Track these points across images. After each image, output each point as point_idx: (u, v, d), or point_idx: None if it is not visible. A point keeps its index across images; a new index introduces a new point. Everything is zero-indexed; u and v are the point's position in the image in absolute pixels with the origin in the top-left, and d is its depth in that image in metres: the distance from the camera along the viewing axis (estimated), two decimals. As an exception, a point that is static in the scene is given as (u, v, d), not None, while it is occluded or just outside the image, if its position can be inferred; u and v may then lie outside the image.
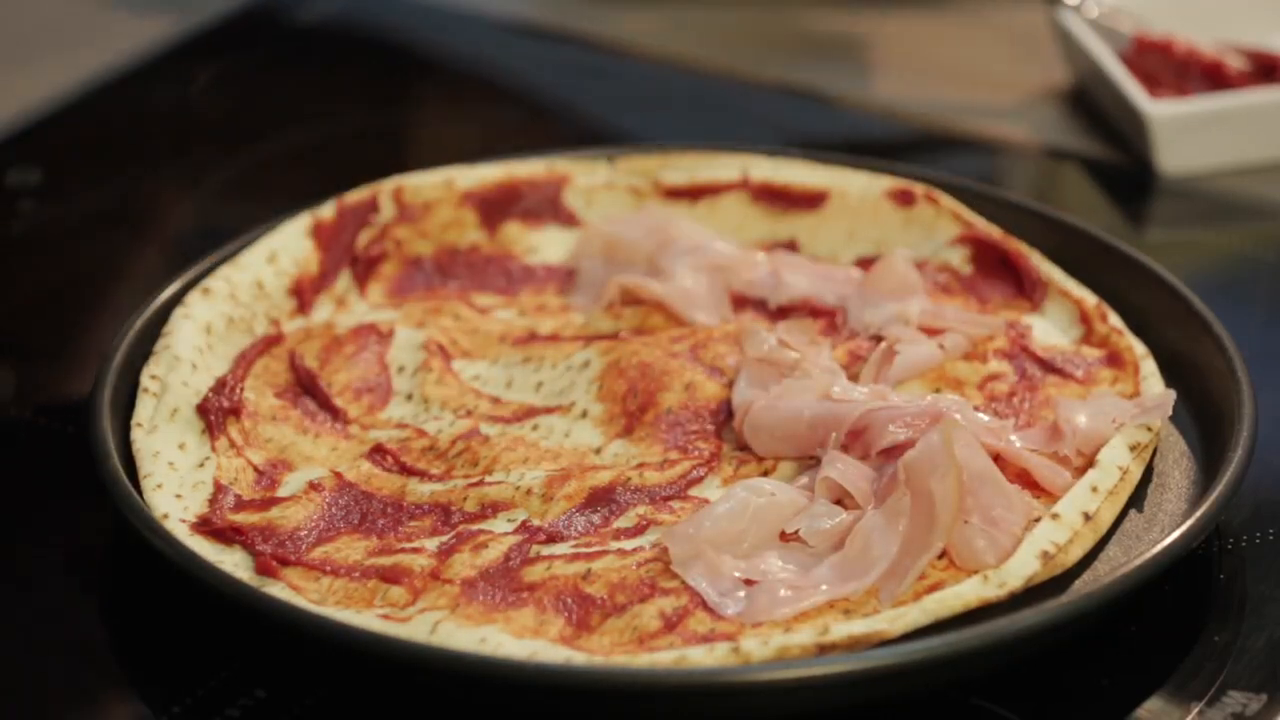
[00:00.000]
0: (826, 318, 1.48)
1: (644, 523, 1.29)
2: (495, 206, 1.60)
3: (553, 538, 1.28)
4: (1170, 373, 1.41)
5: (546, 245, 1.59)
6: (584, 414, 1.40)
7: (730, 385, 1.40)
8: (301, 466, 1.36)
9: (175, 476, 1.31)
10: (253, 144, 1.91)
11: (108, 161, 1.86)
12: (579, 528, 1.29)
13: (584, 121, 1.98)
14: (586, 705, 1.16)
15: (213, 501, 1.30)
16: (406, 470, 1.35)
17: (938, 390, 1.40)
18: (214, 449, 1.35)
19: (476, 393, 1.43)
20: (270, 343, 1.46)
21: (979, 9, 2.15)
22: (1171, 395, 1.35)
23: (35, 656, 1.25)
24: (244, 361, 1.43)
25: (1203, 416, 1.37)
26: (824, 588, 1.22)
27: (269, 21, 2.12)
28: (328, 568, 1.25)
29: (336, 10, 2.15)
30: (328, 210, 1.55)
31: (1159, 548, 1.22)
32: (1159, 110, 1.80)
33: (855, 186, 1.59)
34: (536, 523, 1.29)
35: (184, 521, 1.27)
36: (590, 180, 1.62)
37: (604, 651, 1.19)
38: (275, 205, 1.55)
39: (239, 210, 1.76)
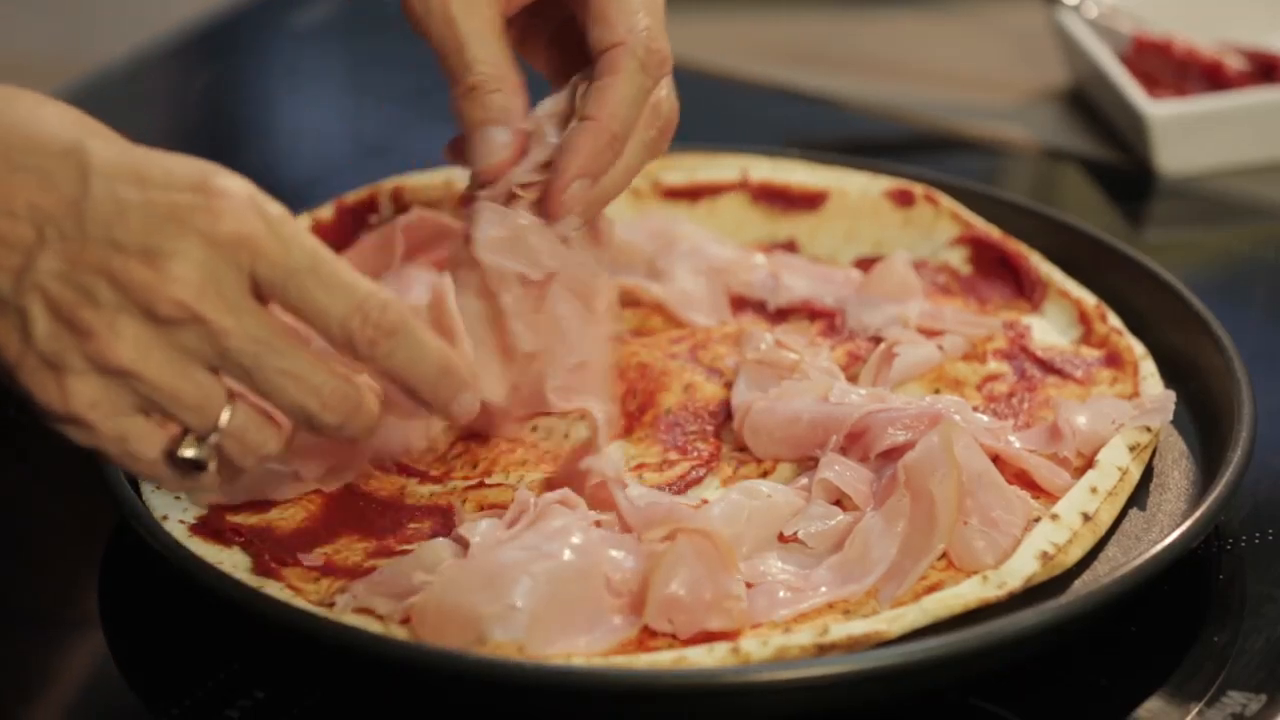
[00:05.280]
0: (825, 319, 1.48)
1: (643, 524, 1.29)
2: (494, 207, 1.59)
3: (552, 539, 1.28)
4: (1169, 373, 1.41)
5: (546, 246, 1.59)
6: (583, 415, 1.39)
7: (729, 386, 1.40)
8: (301, 467, 1.36)
9: (174, 478, 1.30)
10: (251, 144, 1.91)
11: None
12: (578, 529, 1.29)
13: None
14: (586, 706, 1.16)
15: (211, 503, 1.30)
16: (406, 471, 1.35)
17: (937, 391, 1.40)
18: (213, 450, 1.34)
19: (475, 394, 1.43)
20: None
21: (978, 9, 2.15)
22: (1171, 397, 1.35)
23: (33, 657, 1.25)
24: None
25: (1202, 416, 1.37)
26: (823, 589, 1.22)
27: (268, 22, 2.13)
28: (327, 569, 1.25)
29: (336, 12, 2.15)
30: (326, 211, 1.55)
31: (1158, 548, 1.22)
32: (1158, 110, 1.80)
33: (854, 187, 1.59)
34: (535, 524, 1.29)
35: (183, 523, 1.27)
36: (589, 181, 1.62)
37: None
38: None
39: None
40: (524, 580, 1.17)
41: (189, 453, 1.14)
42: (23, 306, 1.10)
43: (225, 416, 1.13)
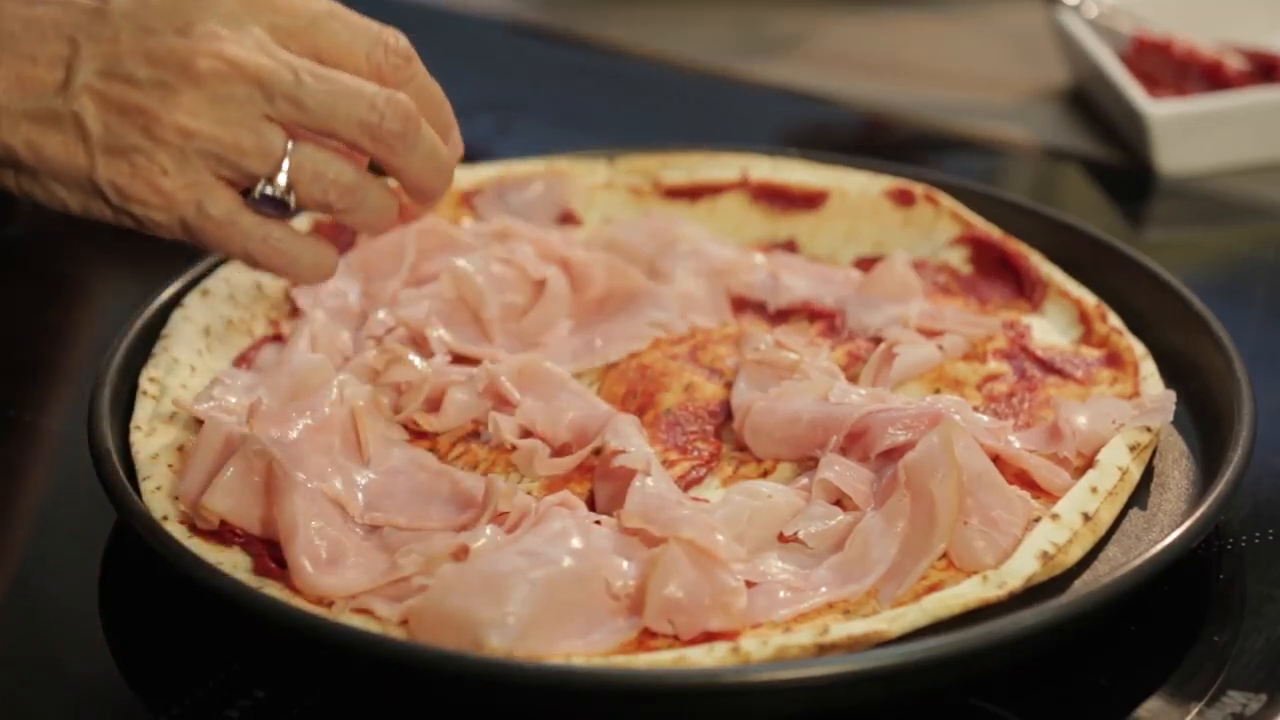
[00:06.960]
0: (825, 320, 1.48)
1: (644, 523, 1.29)
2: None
3: (552, 539, 1.28)
4: (1170, 373, 1.41)
5: (546, 246, 1.59)
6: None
7: (729, 386, 1.40)
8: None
9: (173, 479, 1.30)
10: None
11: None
12: (578, 529, 1.29)
13: (584, 122, 1.98)
14: (586, 706, 1.16)
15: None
16: (406, 471, 1.34)
17: (937, 391, 1.40)
18: (213, 451, 1.34)
19: (476, 394, 1.43)
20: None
21: (978, 9, 2.15)
22: (1171, 397, 1.35)
23: (34, 658, 1.25)
24: (243, 363, 1.43)
25: (1202, 416, 1.37)
26: (823, 589, 1.22)
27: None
28: (327, 569, 1.25)
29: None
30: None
31: (1158, 548, 1.22)
32: (1158, 110, 1.80)
33: (854, 186, 1.59)
34: (536, 524, 1.29)
35: (183, 523, 1.27)
36: (590, 180, 1.62)
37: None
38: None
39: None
40: (522, 587, 1.17)
41: (266, 190, 1.21)
42: (76, 111, 1.18)
43: (289, 151, 1.20)
